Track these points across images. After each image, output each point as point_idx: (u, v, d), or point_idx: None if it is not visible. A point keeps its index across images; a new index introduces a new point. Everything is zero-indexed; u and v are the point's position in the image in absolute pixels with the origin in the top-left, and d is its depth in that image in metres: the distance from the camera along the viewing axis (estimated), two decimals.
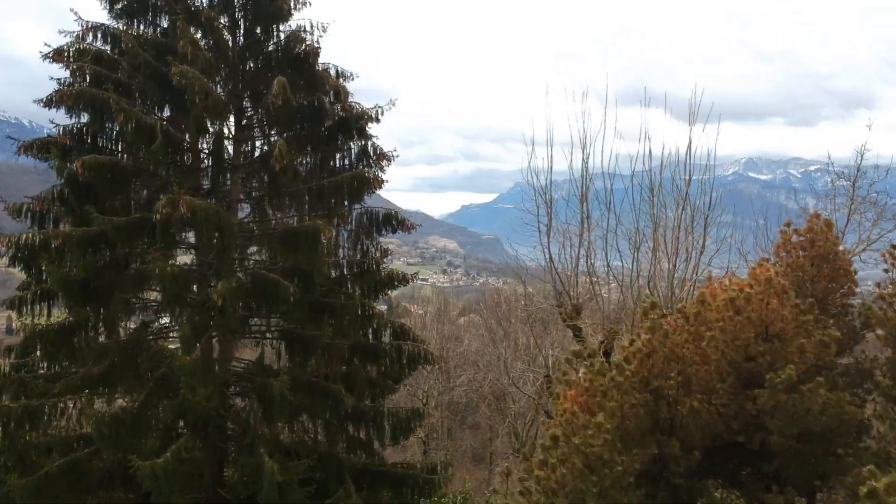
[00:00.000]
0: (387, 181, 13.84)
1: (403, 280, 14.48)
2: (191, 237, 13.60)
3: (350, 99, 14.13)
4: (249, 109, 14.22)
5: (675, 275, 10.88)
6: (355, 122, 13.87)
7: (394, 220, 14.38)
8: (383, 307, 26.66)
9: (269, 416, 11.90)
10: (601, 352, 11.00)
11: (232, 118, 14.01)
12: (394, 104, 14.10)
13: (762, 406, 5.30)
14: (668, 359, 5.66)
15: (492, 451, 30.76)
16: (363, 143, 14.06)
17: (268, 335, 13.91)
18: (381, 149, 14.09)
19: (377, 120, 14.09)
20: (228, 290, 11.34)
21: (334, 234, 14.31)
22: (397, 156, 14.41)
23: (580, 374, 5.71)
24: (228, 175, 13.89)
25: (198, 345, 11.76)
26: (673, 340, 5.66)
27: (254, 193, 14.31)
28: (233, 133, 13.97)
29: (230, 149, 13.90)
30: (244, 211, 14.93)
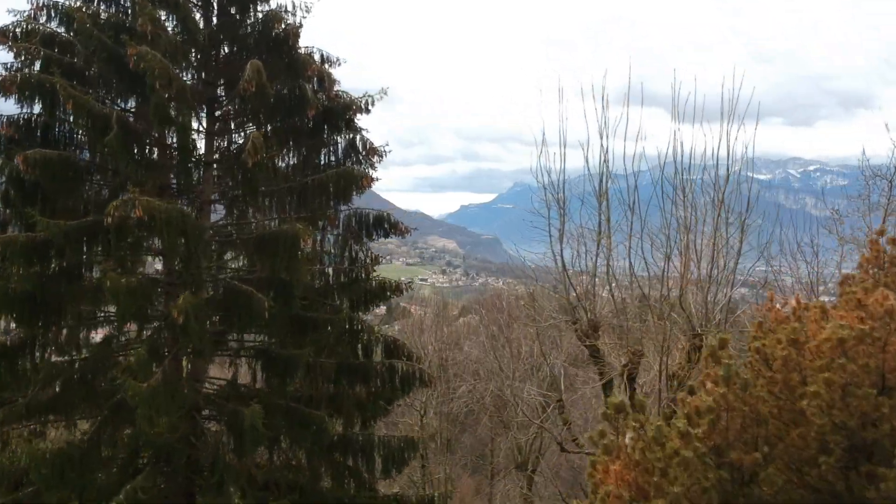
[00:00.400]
0: (377, 179, 12.32)
1: (397, 290, 12.94)
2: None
3: (337, 88, 12.64)
4: (224, 99, 12.68)
5: (710, 287, 9.35)
6: (342, 113, 12.35)
7: (386, 223, 12.85)
8: (382, 308, 24.99)
9: (239, 450, 10.36)
10: (625, 376, 9.48)
11: (205, 109, 12.52)
12: (385, 93, 12.59)
13: (889, 492, 3.75)
14: (748, 420, 4.11)
15: (493, 465, 29.22)
16: (351, 136, 12.53)
17: (242, 353, 12.35)
18: (372, 143, 12.57)
19: (367, 111, 12.58)
20: (191, 305, 9.81)
21: (319, 238, 12.81)
22: (389, 151, 12.89)
23: (627, 441, 4.16)
24: (201, 172, 12.42)
25: (159, 367, 10.25)
26: (753, 394, 4.11)
27: (230, 193, 12.77)
28: (204, 126, 12.45)
29: (202, 143, 12.43)
30: (220, 213, 13.42)
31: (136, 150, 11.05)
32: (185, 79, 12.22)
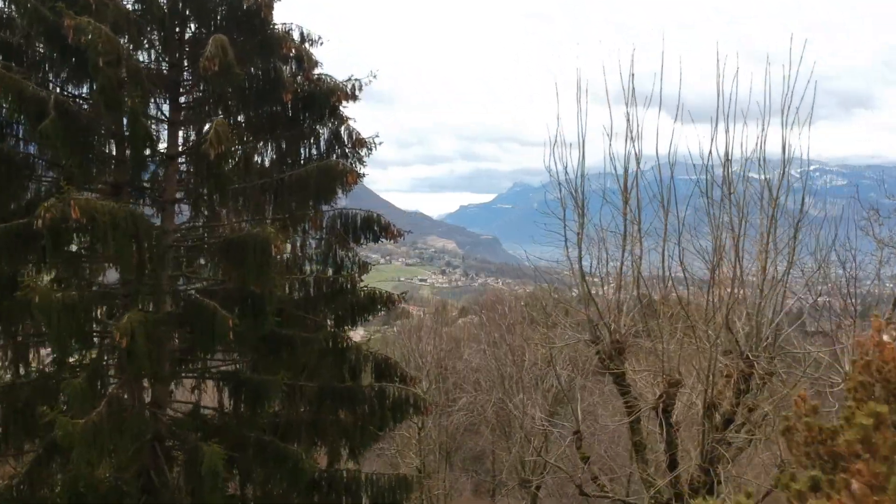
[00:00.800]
0: (364, 175, 10.73)
1: (389, 302, 11.33)
2: None
3: (319, 70, 11.02)
4: (191, 84, 11.08)
5: (760, 303, 7.75)
6: (325, 99, 10.74)
7: (376, 225, 11.24)
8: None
9: (198, 495, 8.75)
10: (660, 410, 7.89)
11: (167, 95, 10.93)
12: (374, 76, 10.98)
13: None
14: None
15: (494, 482, 27.63)
16: (335, 125, 10.92)
17: (208, 376, 10.73)
18: (359, 134, 10.95)
19: (354, 97, 10.97)
20: (139, 324, 8.20)
21: (299, 243, 11.23)
22: (380, 143, 11.26)
23: None
24: (165, 168, 10.85)
25: (104, 397, 8.66)
26: None
27: (196, 191, 11.15)
28: (167, 114, 10.85)
29: (164, 134, 10.85)
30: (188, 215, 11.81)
31: (82, 141, 9.45)
32: (143, 59, 10.68)
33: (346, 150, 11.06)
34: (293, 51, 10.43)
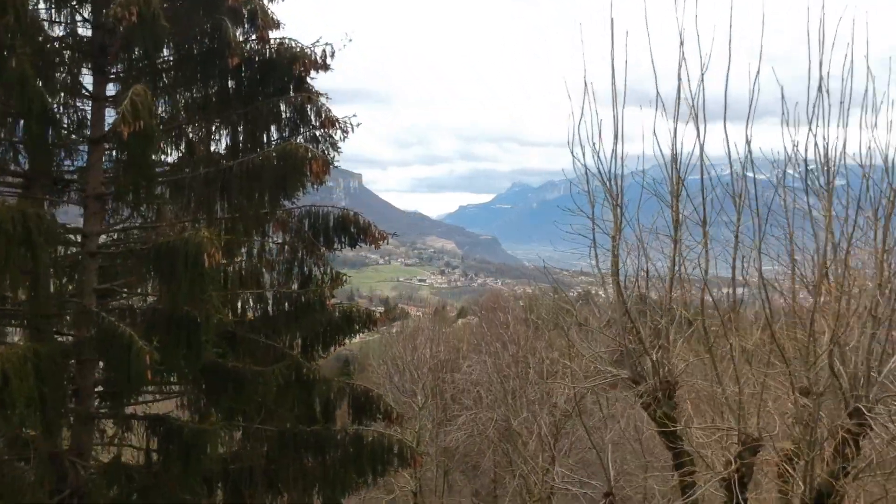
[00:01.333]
0: (337, 164, 8.51)
1: (369, 322, 9.11)
2: None
3: (280, 33, 8.79)
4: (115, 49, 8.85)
5: (873, 336, 5.56)
6: (287, 68, 8.52)
7: (353, 227, 9.03)
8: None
9: None
10: (734, 482, 5.67)
11: (93, 66, 8.73)
12: (350, 39, 8.76)
13: None
14: None
15: None
16: (300, 100, 8.67)
17: (134, 418, 8.48)
18: (329, 111, 8.70)
19: (324, 66, 8.77)
20: (20, 362, 5.97)
21: (256, 249, 9.02)
22: (358, 124, 9.02)
23: None
24: (89, 154, 8.67)
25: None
26: None
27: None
28: (91, 88, 8.65)
29: (87, 113, 8.67)
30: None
31: None
32: (59, 20, 8.49)
33: (316, 133, 8.84)
34: (246, 5, 8.21)
